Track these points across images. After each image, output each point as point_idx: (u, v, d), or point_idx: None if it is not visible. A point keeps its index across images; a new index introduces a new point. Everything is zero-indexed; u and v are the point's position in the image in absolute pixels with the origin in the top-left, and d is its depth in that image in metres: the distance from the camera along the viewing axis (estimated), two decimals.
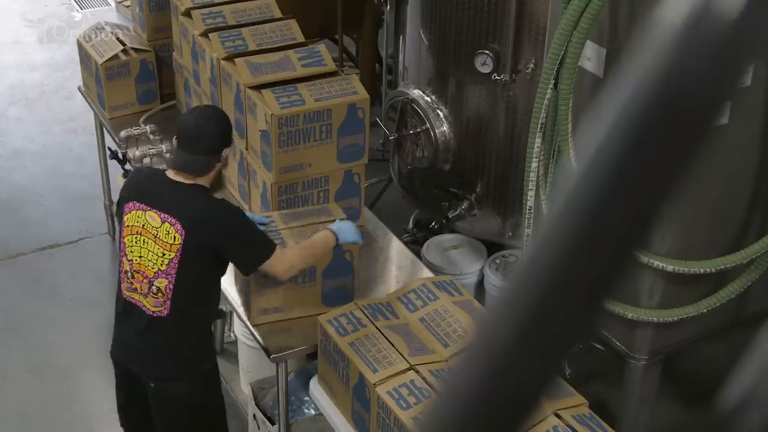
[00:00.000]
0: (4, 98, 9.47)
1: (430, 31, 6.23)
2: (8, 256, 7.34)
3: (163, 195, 4.38)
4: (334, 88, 5.19)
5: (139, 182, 4.59)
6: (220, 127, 4.45)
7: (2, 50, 10.20)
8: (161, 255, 4.34)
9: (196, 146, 4.35)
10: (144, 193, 4.43)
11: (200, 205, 4.38)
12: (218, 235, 4.35)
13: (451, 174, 6.24)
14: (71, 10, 11.07)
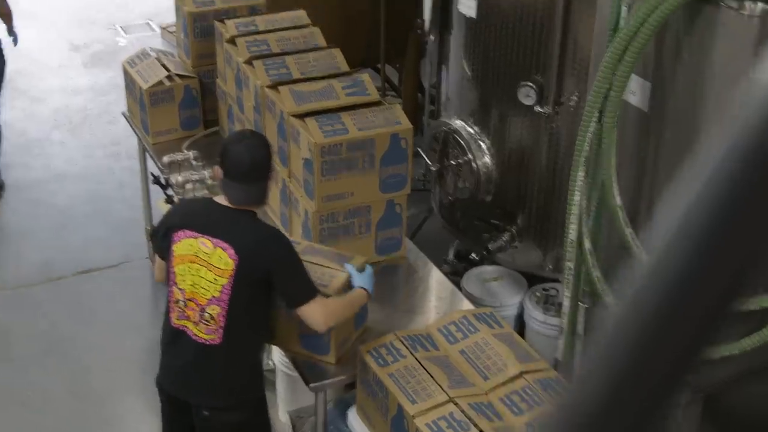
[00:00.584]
0: (49, 122, 9.55)
1: (474, 62, 6.23)
2: (49, 279, 7.38)
3: (214, 221, 4.38)
4: (378, 118, 5.19)
5: (189, 210, 4.61)
6: (267, 154, 4.44)
7: (48, 74, 10.30)
8: (214, 281, 4.32)
9: (247, 176, 4.34)
10: (195, 220, 4.41)
11: (253, 230, 4.38)
12: (270, 262, 4.33)
13: (493, 205, 6.22)
14: (116, 36, 11.17)
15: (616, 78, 4.39)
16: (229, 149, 4.40)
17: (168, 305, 4.52)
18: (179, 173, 6.19)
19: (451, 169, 6.33)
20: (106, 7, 11.97)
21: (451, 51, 6.58)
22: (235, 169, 4.33)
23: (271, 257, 4.34)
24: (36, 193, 8.48)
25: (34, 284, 7.33)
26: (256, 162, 4.35)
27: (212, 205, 4.44)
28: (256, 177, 4.35)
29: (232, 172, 4.34)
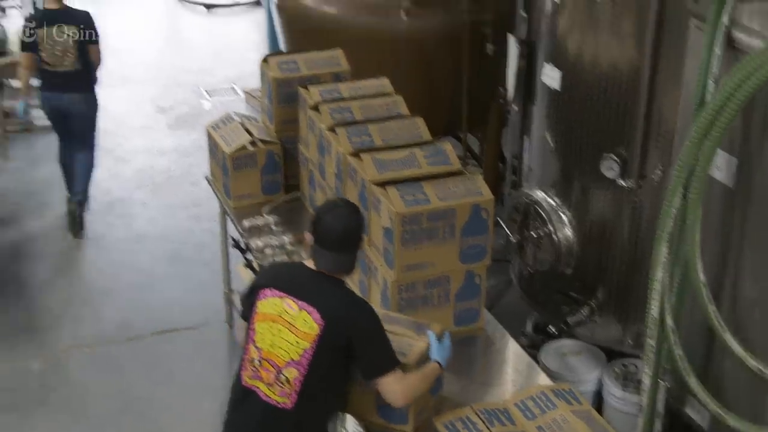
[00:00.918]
0: (132, 181, 9.68)
1: (556, 133, 6.21)
2: (128, 338, 7.43)
3: (302, 284, 4.39)
4: (459, 188, 5.17)
5: (278, 270, 4.65)
6: (358, 225, 4.48)
7: (133, 135, 10.46)
8: (295, 344, 4.29)
9: (337, 245, 4.37)
10: (283, 280, 4.43)
11: (341, 296, 4.40)
12: (354, 329, 4.31)
13: (573, 278, 6.16)
14: (201, 99, 11.32)
15: (701, 153, 4.33)
16: (321, 217, 4.43)
17: (241, 363, 4.49)
18: (259, 238, 6.22)
19: (532, 241, 6.29)
20: (192, 71, 12.14)
21: (533, 121, 6.57)
22: (326, 238, 4.37)
23: (356, 325, 4.32)
24: (117, 252, 8.57)
25: (112, 343, 7.39)
26: (347, 232, 4.39)
27: (302, 268, 4.47)
28: (346, 247, 4.40)
29: (323, 240, 4.37)
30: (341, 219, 4.41)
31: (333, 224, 4.37)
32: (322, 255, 4.38)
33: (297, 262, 4.65)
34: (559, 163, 6.21)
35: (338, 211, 4.47)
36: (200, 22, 14.01)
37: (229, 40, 13.18)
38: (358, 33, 7.95)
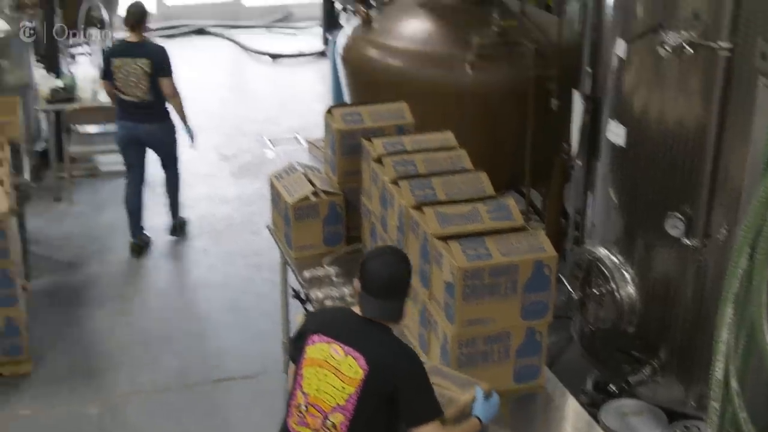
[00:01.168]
0: (193, 228, 9.73)
1: (620, 189, 6.17)
2: (185, 386, 7.44)
3: (350, 330, 4.40)
4: (522, 244, 5.14)
5: (327, 316, 4.67)
6: (406, 273, 4.46)
7: (196, 182, 10.53)
8: (341, 389, 4.30)
9: (383, 293, 4.36)
10: (330, 326, 4.45)
11: (387, 344, 4.38)
12: (398, 378, 4.29)
13: (635, 337, 6.10)
14: (264, 148, 11.38)
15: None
16: (368, 264, 4.44)
17: (288, 409, 4.49)
18: (319, 289, 6.22)
19: (594, 298, 6.23)
20: (257, 120, 12.24)
21: (597, 177, 6.53)
22: (373, 285, 4.37)
23: (401, 372, 4.31)
24: (177, 298, 8.61)
25: (170, 390, 7.40)
26: (393, 279, 4.39)
27: (349, 314, 4.48)
28: (392, 294, 4.39)
29: (369, 287, 4.38)
30: (388, 266, 4.41)
31: (379, 271, 4.38)
32: (369, 302, 4.39)
33: (345, 308, 4.67)
34: (622, 219, 6.16)
35: (385, 258, 4.47)
36: (265, 71, 14.13)
37: (293, 90, 13.28)
38: (423, 86, 7.97)
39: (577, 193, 7.06)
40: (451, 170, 5.97)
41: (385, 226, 6.05)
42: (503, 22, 7.97)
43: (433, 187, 5.72)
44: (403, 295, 4.43)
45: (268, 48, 14.68)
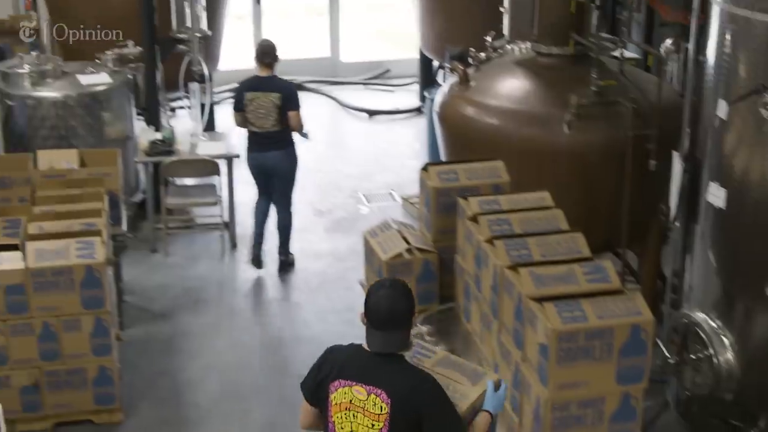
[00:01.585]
0: (287, 283, 9.76)
1: (720, 252, 6.06)
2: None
3: (365, 368, 4.51)
4: (618, 307, 5.07)
5: (340, 359, 4.66)
6: (407, 305, 4.55)
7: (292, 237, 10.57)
8: (372, 426, 4.42)
9: (387, 326, 4.48)
10: (347, 369, 4.54)
11: (403, 373, 4.48)
12: (421, 404, 4.40)
13: (733, 404, 5.95)
14: (358, 203, 11.41)
15: None
16: (369, 298, 4.57)
17: None
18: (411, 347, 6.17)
19: (691, 363, 6.11)
20: (352, 176, 12.28)
21: (696, 239, 6.42)
22: (374, 317, 4.50)
23: (422, 398, 4.41)
24: (269, 352, 8.62)
25: None
26: (393, 312, 4.49)
27: (360, 352, 4.58)
28: (393, 326, 4.49)
29: (372, 320, 4.52)
30: (387, 299, 4.51)
31: (379, 304, 4.50)
32: (372, 334, 4.52)
33: (354, 346, 4.71)
34: (721, 283, 6.04)
35: (384, 291, 4.56)
36: (362, 127, 14.19)
37: (389, 147, 13.31)
38: (520, 145, 7.94)
39: (675, 255, 6.95)
40: (547, 230, 5.93)
41: (479, 285, 6.01)
42: (602, 82, 7.92)
43: (529, 248, 5.68)
44: (404, 327, 4.52)
45: (365, 104, 14.75)
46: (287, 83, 9.65)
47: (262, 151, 9.57)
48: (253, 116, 9.45)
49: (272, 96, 9.37)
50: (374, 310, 4.52)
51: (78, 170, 8.28)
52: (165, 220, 10.25)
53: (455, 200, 6.51)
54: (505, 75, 8.62)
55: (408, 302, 4.56)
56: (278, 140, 9.53)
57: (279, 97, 9.37)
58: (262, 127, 9.46)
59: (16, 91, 10.04)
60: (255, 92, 9.43)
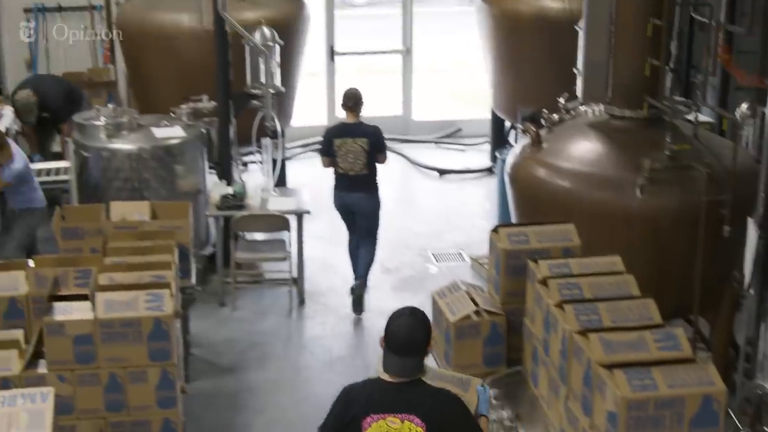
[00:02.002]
0: (354, 342, 9.75)
1: None
2: None
3: (393, 398, 4.76)
4: (690, 376, 4.98)
5: (365, 395, 4.86)
6: (424, 334, 4.83)
7: None
8: None
9: (404, 352, 4.76)
10: (376, 403, 4.77)
11: (429, 396, 4.78)
12: (453, 421, 4.75)
13: None
14: (427, 262, 11.37)
15: None
16: (389, 324, 4.85)
17: None
18: None
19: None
20: (421, 234, 12.25)
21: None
22: (392, 343, 4.78)
23: (451, 415, 4.76)
24: None
25: None
26: (411, 339, 4.78)
27: (382, 384, 4.82)
28: (409, 352, 4.78)
29: (390, 345, 4.79)
30: (407, 327, 4.80)
31: (399, 331, 4.79)
32: (389, 358, 4.78)
33: (372, 380, 4.95)
34: None
35: (403, 319, 4.84)
36: (432, 186, 14.18)
37: (459, 206, 13.27)
38: (591, 208, 7.88)
39: (749, 323, 6.82)
40: (617, 296, 5.86)
41: (548, 350, 5.94)
42: (675, 146, 7.86)
43: (599, 313, 5.61)
44: (419, 354, 4.81)
45: (436, 163, 14.76)
46: (374, 128, 10.05)
47: (349, 192, 10.07)
48: (342, 160, 9.93)
49: (360, 141, 9.88)
50: (393, 337, 4.78)
51: (149, 222, 8.34)
52: (234, 274, 10.28)
53: (525, 263, 6.46)
54: (578, 137, 8.58)
55: (425, 331, 4.84)
56: (366, 182, 10.05)
57: (367, 142, 9.88)
58: (351, 170, 9.96)
59: (92, 142, 10.19)
60: (344, 138, 9.93)
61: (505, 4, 12.67)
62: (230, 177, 10.68)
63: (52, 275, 6.90)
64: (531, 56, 12.49)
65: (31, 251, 9.89)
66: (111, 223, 8.29)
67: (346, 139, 9.93)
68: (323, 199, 11.47)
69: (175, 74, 11.95)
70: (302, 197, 10.61)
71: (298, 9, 12.69)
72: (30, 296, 6.88)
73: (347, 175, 10.01)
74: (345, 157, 9.93)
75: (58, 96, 12.41)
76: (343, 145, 9.92)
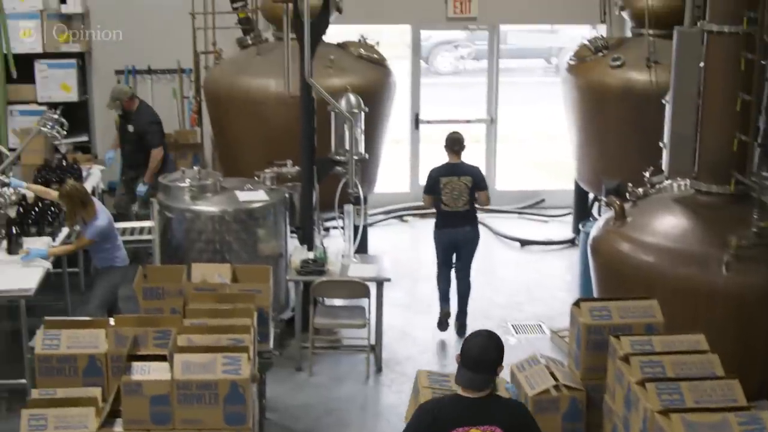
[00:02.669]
0: None
1: None
2: None
3: (475, 411, 5.34)
4: None
5: (446, 413, 5.40)
6: (498, 354, 5.46)
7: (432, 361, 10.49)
8: None
9: (476, 368, 5.36)
10: (461, 416, 5.34)
11: (505, 406, 5.45)
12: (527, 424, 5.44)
13: None
14: (507, 334, 11.26)
15: None
16: (465, 343, 5.53)
17: None
18: None
19: None
20: (501, 305, 12.15)
21: None
22: (466, 359, 5.40)
23: (524, 423, 5.44)
24: None
25: None
26: (482, 357, 5.38)
27: (463, 399, 5.40)
28: (480, 369, 5.37)
29: (464, 361, 5.40)
30: (479, 346, 5.45)
31: (472, 348, 5.44)
32: (463, 373, 5.39)
33: (450, 396, 5.56)
34: None
35: (479, 339, 5.52)
36: (513, 256, 14.09)
37: (540, 278, 13.15)
38: (675, 284, 7.78)
39: None
40: (701, 375, 5.75)
41: (628, 428, 5.84)
42: (762, 223, 7.74)
43: (682, 392, 5.51)
44: (489, 371, 5.38)
45: (517, 233, 14.69)
46: (475, 167, 11.01)
47: (455, 227, 10.89)
48: (447, 197, 10.79)
49: (464, 179, 10.78)
50: (468, 354, 5.41)
51: (230, 285, 8.36)
52: (312, 340, 10.27)
53: (606, 338, 6.37)
54: (663, 212, 8.50)
55: (498, 352, 5.46)
56: (469, 217, 10.94)
57: (470, 179, 10.78)
58: (456, 206, 10.80)
59: (176, 203, 10.29)
60: (450, 176, 10.79)
61: (591, 76, 12.63)
62: (311, 242, 10.70)
63: (131, 334, 6.93)
64: (616, 128, 12.42)
65: (113, 309, 9.99)
66: (192, 284, 8.33)
67: (451, 177, 10.78)
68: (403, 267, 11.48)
69: (261, 138, 12.07)
70: (383, 264, 10.59)
71: (384, 76, 12.78)
72: (109, 354, 6.91)
73: (452, 211, 10.82)
74: (450, 194, 10.77)
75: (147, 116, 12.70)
76: (448, 183, 10.76)
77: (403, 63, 15.78)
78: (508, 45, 20.78)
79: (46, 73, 13.89)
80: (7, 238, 10.01)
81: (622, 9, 13.08)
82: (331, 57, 12.15)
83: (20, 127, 13.47)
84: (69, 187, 9.78)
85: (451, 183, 10.79)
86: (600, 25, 14.87)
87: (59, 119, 10.95)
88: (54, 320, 7.20)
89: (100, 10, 14.30)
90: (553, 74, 24.74)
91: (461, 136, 10.99)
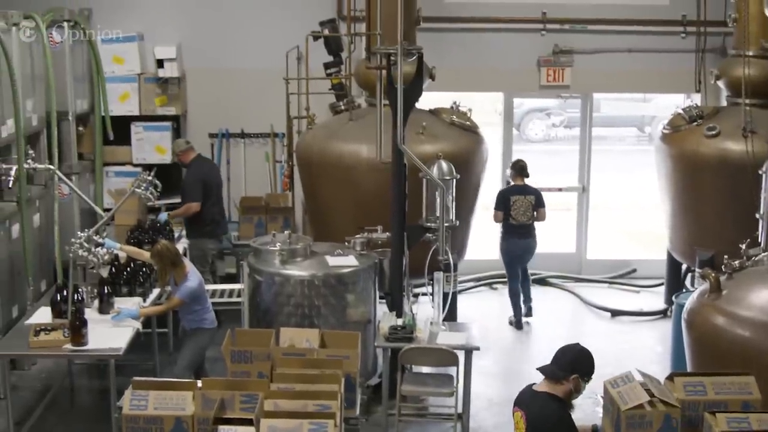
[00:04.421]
0: None
1: None
2: None
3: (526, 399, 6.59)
4: None
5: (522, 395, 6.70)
6: (578, 356, 6.54)
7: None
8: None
9: (556, 360, 6.53)
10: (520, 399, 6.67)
11: (542, 403, 6.42)
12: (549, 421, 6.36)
13: None
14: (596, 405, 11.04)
15: None
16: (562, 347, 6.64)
17: None
18: None
19: None
20: None
21: None
22: (555, 355, 6.57)
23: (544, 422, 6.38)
24: None
25: None
26: (564, 353, 6.55)
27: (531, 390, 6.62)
28: (561, 364, 6.49)
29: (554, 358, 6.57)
30: (567, 348, 6.59)
31: (561, 349, 6.57)
32: (548, 366, 6.53)
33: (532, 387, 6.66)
34: None
35: (571, 346, 6.62)
36: (604, 327, 13.90)
37: (631, 349, 12.93)
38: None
39: None
40: None
41: None
42: None
43: None
44: (569, 369, 6.43)
45: (608, 303, 14.50)
46: (536, 189, 13.47)
47: (522, 239, 13.41)
48: (516, 213, 13.30)
49: (529, 198, 13.32)
50: (557, 352, 6.56)
51: (318, 350, 8.35)
52: (399, 407, 10.18)
53: (701, 415, 6.20)
54: (760, 285, 8.33)
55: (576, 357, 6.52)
56: (533, 229, 13.47)
57: (534, 198, 13.34)
58: (521, 220, 13.32)
59: (266, 267, 10.33)
60: (518, 195, 13.33)
61: (685, 145, 12.50)
62: (400, 308, 10.64)
63: (218, 397, 6.93)
64: (711, 198, 12.25)
65: (200, 371, 10.02)
66: (280, 348, 8.33)
67: (519, 196, 13.30)
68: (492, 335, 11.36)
69: (351, 204, 12.10)
70: (472, 332, 10.48)
71: (477, 143, 12.78)
72: (196, 417, 6.92)
73: (520, 224, 13.32)
74: (518, 210, 13.27)
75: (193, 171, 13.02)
76: (517, 201, 13.28)
77: (495, 129, 15.77)
78: (601, 113, 20.65)
79: (142, 135, 14.15)
80: (99, 297, 10.12)
81: (717, 78, 12.93)
82: (424, 123, 12.18)
83: (115, 188, 13.71)
84: (161, 246, 9.88)
85: (519, 200, 13.32)
86: (694, 94, 14.75)
87: (153, 181, 11.09)
88: (142, 381, 7.23)
89: (197, 75, 14.54)
90: (646, 143, 24.55)
91: (525, 163, 13.60)
